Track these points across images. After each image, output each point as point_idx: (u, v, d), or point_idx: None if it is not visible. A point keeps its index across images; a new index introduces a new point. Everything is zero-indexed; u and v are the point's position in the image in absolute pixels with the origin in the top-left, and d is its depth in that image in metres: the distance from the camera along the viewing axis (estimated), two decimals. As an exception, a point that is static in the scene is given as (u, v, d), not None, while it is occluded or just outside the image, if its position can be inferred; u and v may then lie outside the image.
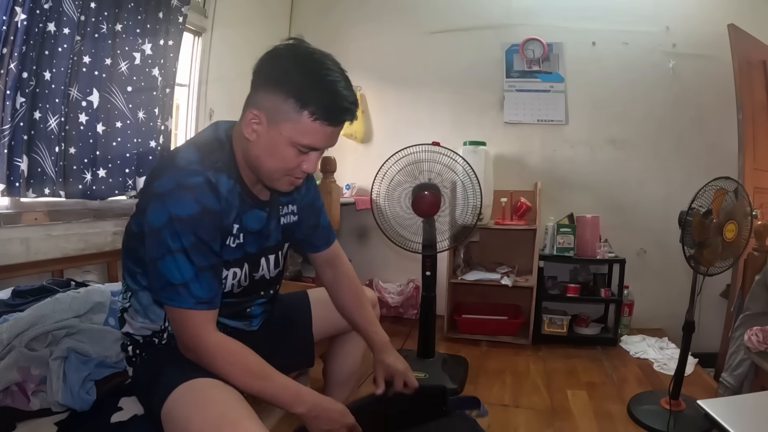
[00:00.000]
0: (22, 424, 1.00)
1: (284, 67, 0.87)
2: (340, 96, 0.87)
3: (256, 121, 0.89)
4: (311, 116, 0.86)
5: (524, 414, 1.86)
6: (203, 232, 0.86)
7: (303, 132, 0.87)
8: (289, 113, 0.86)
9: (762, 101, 2.54)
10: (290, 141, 0.88)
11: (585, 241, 2.69)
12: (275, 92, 0.86)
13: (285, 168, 0.92)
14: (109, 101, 1.89)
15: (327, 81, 0.86)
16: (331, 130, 0.90)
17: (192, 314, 0.87)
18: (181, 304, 0.86)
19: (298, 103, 0.85)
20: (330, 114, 0.87)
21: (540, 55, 2.95)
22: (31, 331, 1.13)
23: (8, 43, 1.51)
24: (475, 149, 2.72)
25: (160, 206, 0.85)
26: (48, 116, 1.66)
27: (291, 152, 0.89)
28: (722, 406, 1.13)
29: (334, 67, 0.89)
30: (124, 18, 1.89)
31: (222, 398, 0.85)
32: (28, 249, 1.67)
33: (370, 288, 3.04)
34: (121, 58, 1.91)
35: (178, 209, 0.84)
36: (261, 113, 0.88)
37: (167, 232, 0.84)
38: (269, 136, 0.88)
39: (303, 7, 3.37)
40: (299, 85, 0.85)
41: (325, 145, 0.92)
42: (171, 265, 0.85)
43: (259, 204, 1.01)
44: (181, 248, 0.84)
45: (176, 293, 0.86)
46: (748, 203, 1.75)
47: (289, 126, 0.87)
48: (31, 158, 1.63)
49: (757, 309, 1.77)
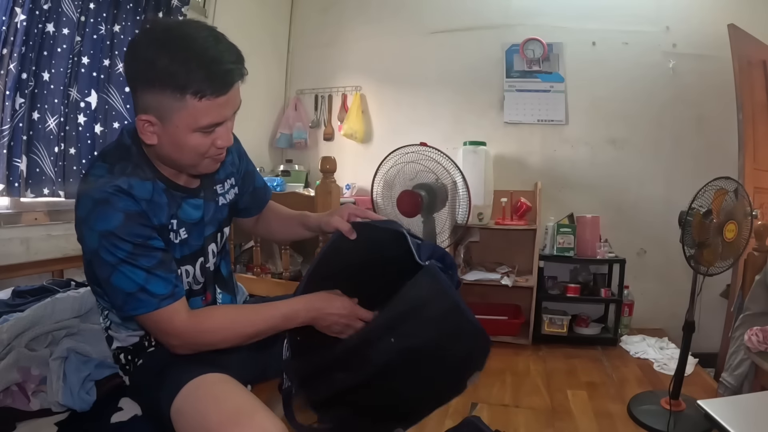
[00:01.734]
0: (22, 424, 1.00)
1: (146, 60, 0.78)
2: (216, 61, 0.79)
3: (149, 126, 0.83)
4: (195, 97, 0.79)
5: (524, 414, 1.86)
6: (135, 236, 0.84)
7: (196, 115, 0.81)
8: (173, 104, 0.79)
9: (762, 101, 2.53)
10: (190, 128, 0.82)
11: (585, 241, 2.69)
12: (151, 90, 0.80)
13: (199, 154, 0.87)
14: (107, 102, 1.89)
15: (194, 53, 0.78)
16: (224, 99, 0.82)
17: (160, 314, 0.85)
18: (147, 309, 0.84)
19: (177, 91, 0.78)
20: (213, 85, 0.79)
21: (540, 55, 2.95)
22: (31, 332, 1.13)
23: (8, 44, 1.51)
24: (475, 149, 2.72)
25: (87, 230, 0.83)
26: (47, 117, 1.67)
27: (197, 138, 0.84)
28: (722, 406, 1.13)
29: (199, 32, 0.80)
30: (122, 18, 1.90)
31: (235, 391, 0.86)
32: (28, 249, 1.67)
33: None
34: (118, 59, 1.91)
35: (102, 225, 0.81)
36: (149, 116, 0.82)
37: (103, 250, 0.82)
38: (168, 134, 0.83)
39: (303, 7, 3.38)
40: (169, 73, 0.77)
41: (225, 116, 0.86)
42: (120, 277, 0.83)
43: (190, 192, 0.97)
44: (122, 259, 0.82)
45: (137, 301, 0.84)
46: (748, 203, 1.75)
47: (181, 115, 0.80)
48: (29, 158, 1.64)
49: (757, 309, 1.77)
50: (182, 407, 0.84)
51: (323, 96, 3.32)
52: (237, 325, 0.91)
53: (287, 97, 3.37)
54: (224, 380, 0.88)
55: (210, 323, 0.90)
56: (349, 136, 3.15)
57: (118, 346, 1.03)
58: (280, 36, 3.32)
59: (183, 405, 0.85)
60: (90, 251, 0.84)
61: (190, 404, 0.84)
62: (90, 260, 0.87)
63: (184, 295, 0.90)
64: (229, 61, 0.80)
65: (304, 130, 3.26)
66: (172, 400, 0.86)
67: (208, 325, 0.89)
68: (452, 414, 1.85)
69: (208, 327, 0.89)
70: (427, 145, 2.14)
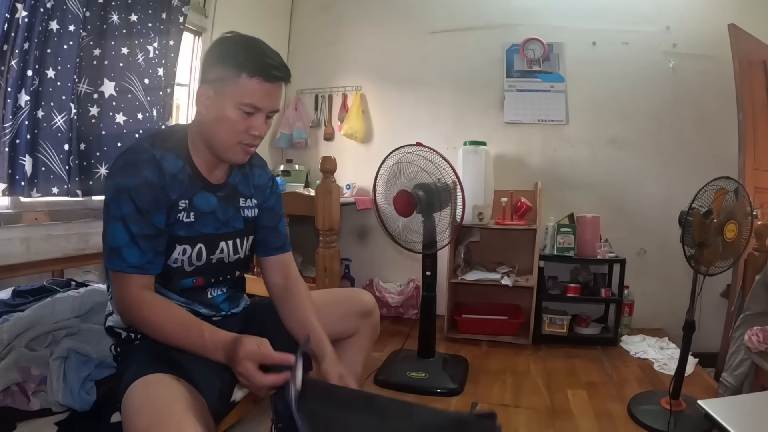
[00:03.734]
0: (22, 424, 1.01)
1: (220, 46, 1.00)
2: (270, 56, 0.99)
3: (205, 96, 0.99)
4: (249, 75, 0.96)
5: (524, 414, 1.86)
6: (142, 202, 0.94)
7: (245, 92, 0.96)
8: (230, 78, 0.96)
9: (762, 101, 2.53)
10: (235, 103, 0.97)
11: (585, 241, 2.69)
12: (216, 66, 0.98)
13: (235, 132, 0.99)
14: (129, 91, 1.89)
15: (257, 47, 0.99)
16: (269, 87, 0.98)
17: (123, 276, 0.95)
18: (115, 267, 0.95)
19: (236, 66, 0.96)
20: (264, 69, 0.97)
21: (540, 55, 2.95)
22: (32, 331, 1.13)
23: (9, 41, 1.51)
24: (475, 149, 2.72)
25: (109, 183, 0.96)
26: (53, 114, 1.65)
27: (237, 114, 0.98)
28: (722, 406, 1.14)
29: (263, 43, 1.02)
30: (138, 10, 1.90)
31: (163, 393, 0.87)
32: (28, 249, 1.67)
33: (370, 288, 3.06)
34: (138, 49, 1.92)
35: (121, 180, 0.94)
36: (208, 87, 0.98)
37: (111, 202, 0.94)
38: (216, 105, 0.98)
39: (303, 7, 3.37)
40: (235, 54, 0.97)
41: (265, 104, 0.99)
42: (110, 231, 0.94)
43: (209, 187, 1.07)
44: (121, 216, 0.94)
45: (112, 257, 0.95)
46: (749, 203, 1.75)
47: (232, 88, 0.96)
48: (35, 157, 1.62)
49: (757, 309, 1.77)
50: (124, 406, 0.88)
51: (323, 96, 3.32)
52: (165, 329, 0.95)
53: (287, 96, 3.37)
54: (161, 381, 0.90)
55: (146, 312, 0.95)
56: (350, 136, 3.15)
57: (110, 325, 1.08)
58: (280, 36, 3.32)
59: (125, 404, 0.88)
60: (104, 203, 0.96)
61: (129, 404, 0.87)
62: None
63: (154, 274, 0.99)
64: (280, 63, 1.00)
65: (304, 129, 3.26)
66: (121, 399, 0.89)
67: (144, 312, 0.95)
68: (452, 414, 1.85)
69: (143, 315, 0.95)
70: (422, 145, 2.14)
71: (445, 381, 2.05)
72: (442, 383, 2.04)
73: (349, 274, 3.23)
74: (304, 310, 1.14)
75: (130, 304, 0.96)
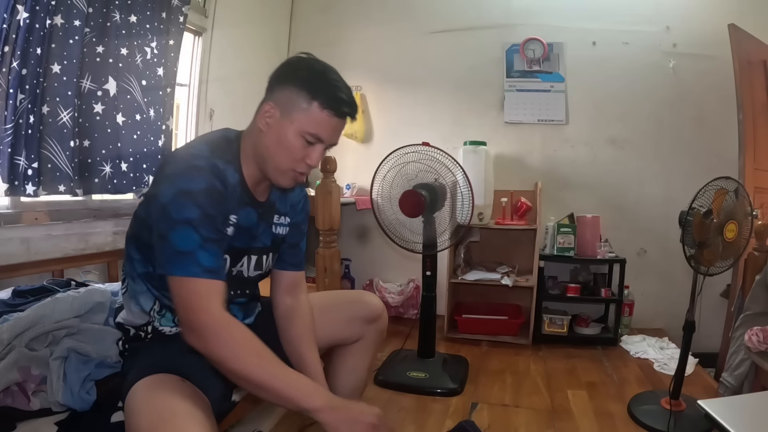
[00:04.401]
0: (22, 424, 1.00)
1: (297, 67, 1.00)
2: (344, 91, 0.99)
3: (269, 114, 0.97)
4: (321, 106, 0.95)
5: (524, 414, 1.86)
6: (209, 207, 0.89)
7: (312, 122, 0.96)
8: (301, 103, 0.95)
9: (762, 101, 2.53)
10: (300, 130, 0.96)
11: (585, 241, 2.69)
12: (289, 86, 0.96)
13: (291, 159, 0.98)
14: (128, 92, 1.89)
15: (333, 79, 0.99)
16: (336, 122, 0.98)
17: (199, 283, 0.86)
18: (188, 272, 0.85)
19: (310, 94, 0.95)
20: (336, 104, 0.97)
21: (540, 54, 2.95)
22: (32, 331, 1.13)
23: (9, 41, 1.50)
24: (475, 149, 2.72)
25: (169, 185, 0.88)
26: (59, 110, 1.63)
27: (299, 142, 0.97)
28: (722, 406, 1.13)
29: (338, 75, 1.02)
30: (137, 11, 1.90)
31: (167, 395, 0.85)
32: (28, 249, 1.67)
33: (369, 288, 3.06)
34: (136, 50, 1.91)
35: (186, 184, 0.88)
36: (275, 106, 0.97)
37: (175, 206, 0.87)
38: (280, 127, 0.96)
39: (303, 7, 3.37)
40: (310, 80, 0.96)
41: (329, 137, 0.99)
42: (178, 235, 0.86)
43: (254, 203, 1.05)
44: (188, 219, 0.86)
45: (183, 261, 0.85)
46: (749, 203, 1.75)
47: (300, 115, 0.95)
48: (40, 155, 1.61)
49: (757, 309, 1.77)
50: (128, 406, 0.87)
51: (323, 96, 3.32)
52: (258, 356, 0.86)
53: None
54: (165, 381, 0.89)
55: (234, 335, 0.86)
56: (350, 135, 3.15)
57: (120, 322, 1.06)
58: (280, 36, 3.32)
59: (129, 404, 0.87)
60: (160, 205, 0.88)
61: (133, 404, 0.86)
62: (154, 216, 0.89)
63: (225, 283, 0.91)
64: (351, 100, 1.01)
65: (304, 129, 3.26)
66: (125, 398, 0.89)
67: (231, 334, 0.85)
68: (452, 414, 1.85)
69: (230, 337, 0.85)
70: (429, 145, 2.15)
71: (445, 381, 2.05)
72: (442, 383, 2.04)
73: (349, 274, 3.23)
74: (304, 346, 1.11)
75: (202, 320, 0.85)
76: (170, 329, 1.04)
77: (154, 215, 0.89)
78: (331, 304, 1.28)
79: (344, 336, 1.27)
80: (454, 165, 2.13)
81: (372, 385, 2.06)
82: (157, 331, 1.04)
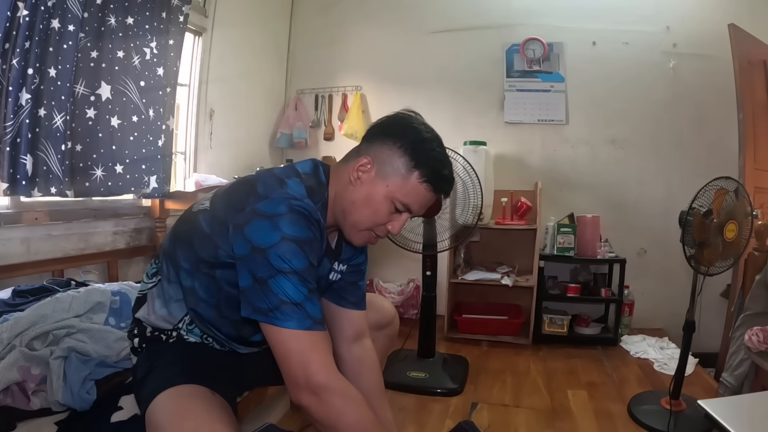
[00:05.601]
0: (22, 423, 1.00)
1: (405, 127, 0.93)
2: (448, 168, 0.94)
3: (364, 169, 0.92)
4: (420, 177, 0.91)
5: (524, 414, 1.86)
6: (312, 257, 0.85)
7: (407, 190, 0.91)
8: (400, 168, 0.91)
9: (762, 101, 2.53)
10: (391, 195, 0.91)
11: (585, 241, 2.69)
12: (392, 147, 0.91)
13: (374, 221, 0.93)
14: (124, 94, 1.89)
15: (439, 152, 0.93)
16: (431, 196, 0.94)
17: (309, 337, 0.80)
18: (299, 325, 0.80)
19: (413, 161, 0.90)
20: (437, 180, 0.92)
21: (540, 54, 2.95)
22: (32, 331, 1.13)
23: (11, 40, 1.50)
24: (475, 149, 2.72)
25: (270, 226, 0.82)
26: (54, 113, 1.64)
27: (386, 207, 0.92)
28: (723, 406, 1.13)
29: (443, 147, 0.96)
30: (134, 12, 1.90)
31: (200, 409, 0.84)
32: (28, 249, 1.68)
33: (370, 288, 3.05)
34: (134, 52, 1.91)
35: (293, 231, 0.82)
36: (373, 162, 0.92)
37: (279, 252, 0.80)
38: (372, 186, 0.92)
39: (303, 7, 3.37)
40: (416, 147, 0.90)
41: (418, 209, 0.95)
42: (284, 284, 0.80)
43: (329, 251, 1.02)
44: (294, 269, 0.81)
45: (292, 313, 0.80)
46: (749, 203, 1.75)
47: (397, 180, 0.91)
48: (35, 156, 1.61)
49: (757, 309, 1.77)
50: (151, 417, 0.85)
51: (323, 96, 3.32)
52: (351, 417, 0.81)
53: (287, 96, 3.37)
54: (195, 394, 0.87)
55: (349, 398, 0.82)
56: (350, 135, 3.15)
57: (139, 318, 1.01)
58: (280, 36, 3.32)
59: (153, 415, 0.85)
60: (256, 246, 0.81)
61: (158, 416, 0.84)
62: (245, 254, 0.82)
63: None
64: (452, 179, 0.97)
65: (304, 129, 3.26)
66: (147, 407, 0.86)
67: (347, 398, 0.81)
68: (452, 414, 1.85)
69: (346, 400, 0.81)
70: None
71: (445, 381, 2.05)
72: (442, 383, 2.04)
73: (349, 274, 3.23)
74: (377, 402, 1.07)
75: (329, 383, 0.80)
76: (195, 340, 1.01)
77: (243, 250, 0.83)
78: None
79: None
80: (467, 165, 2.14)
81: None
82: (182, 339, 1.00)
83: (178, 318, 0.99)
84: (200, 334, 1.01)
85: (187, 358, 0.96)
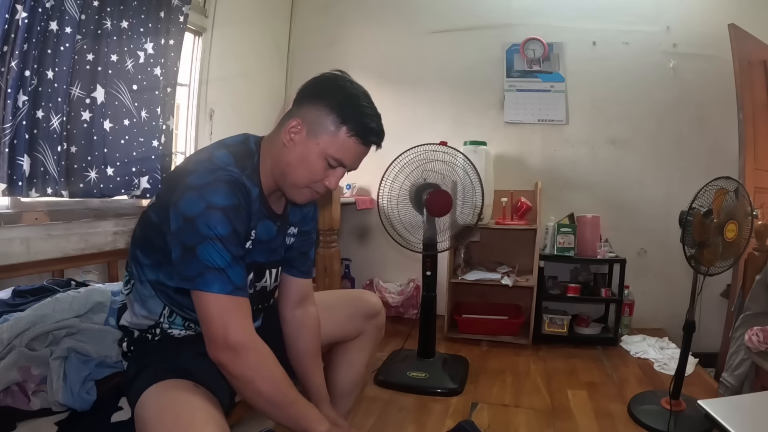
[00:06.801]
0: (22, 423, 1.00)
1: (330, 86, 0.97)
2: (375, 120, 0.98)
3: (295, 130, 0.95)
4: (348, 132, 0.94)
5: (524, 414, 1.86)
6: (237, 224, 0.89)
7: (338, 145, 0.95)
8: (329, 126, 0.94)
9: (762, 101, 2.53)
10: (324, 153, 0.95)
11: (585, 241, 2.69)
12: (319, 106, 0.94)
13: (311, 179, 0.97)
14: (116, 98, 1.89)
15: (365, 106, 0.97)
16: (361, 149, 0.98)
17: (232, 300, 0.86)
18: (222, 289, 0.85)
19: (340, 118, 0.94)
20: (365, 133, 0.96)
21: (540, 54, 2.95)
22: (32, 331, 1.13)
23: (9, 42, 1.50)
24: (475, 149, 2.72)
25: (196, 196, 0.86)
26: (51, 115, 1.65)
27: (321, 164, 0.96)
28: (723, 406, 1.13)
29: (370, 101, 1.00)
30: (129, 15, 1.90)
31: (182, 402, 0.85)
32: (28, 249, 1.68)
33: (370, 288, 3.05)
34: (127, 56, 1.91)
35: (217, 199, 0.86)
36: (302, 123, 0.95)
37: (204, 220, 0.85)
38: (305, 146, 0.95)
39: (303, 7, 3.37)
40: (342, 103, 0.94)
41: (352, 163, 0.99)
42: (210, 251, 0.85)
43: (272, 216, 1.05)
44: (219, 236, 0.85)
45: (216, 278, 0.85)
46: (749, 203, 1.75)
47: (327, 138, 0.94)
48: (33, 157, 1.62)
49: (757, 309, 1.77)
50: (139, 412, 0.86)
51: (323, 96, 3.32)
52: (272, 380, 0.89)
53: (287, 96, 3.37)
54: (178, 387, 0.88)
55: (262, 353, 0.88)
56: (350, 135, 3.15)
57: (124, 324, 1.04)
58: (280, 35, 3.32)
59: (140, 410, 0.86)
60: (186, 217, 0.85)
61: (144, 411, 0.85)
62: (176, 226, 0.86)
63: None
64: (381, 129, 1.00)
65: (304, 129, 3.26)
66: (135, 404, 0.88)
67: (260, 353, 0.88)
68: (453, 413, 1.85)
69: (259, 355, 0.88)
70: (446, 145, 2.17)
71: (445, 381, 2.05)
72: (442, 383, 2.04)
73: (349, 274, 3.23)
74: (310, 362, 1.16)
75: (244, 340, 0.86)
76: (179, 332, 1.02)
77: (175, 224, 0.87)
78: (332, 302, 1.29)
79: (345, 333, 1.29)
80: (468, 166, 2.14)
81: (372, 385, 2.06)
82: (166, 334, 1.02)
83: (158, 312, 1.00)
84: (182, 323, 1.02)
85: (174, 354, 0.98)
